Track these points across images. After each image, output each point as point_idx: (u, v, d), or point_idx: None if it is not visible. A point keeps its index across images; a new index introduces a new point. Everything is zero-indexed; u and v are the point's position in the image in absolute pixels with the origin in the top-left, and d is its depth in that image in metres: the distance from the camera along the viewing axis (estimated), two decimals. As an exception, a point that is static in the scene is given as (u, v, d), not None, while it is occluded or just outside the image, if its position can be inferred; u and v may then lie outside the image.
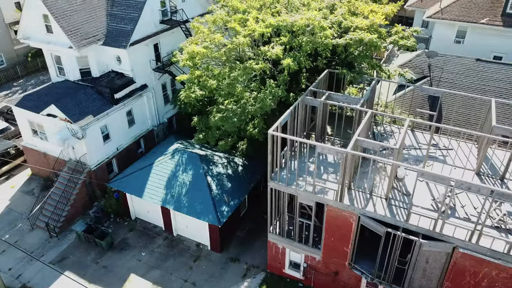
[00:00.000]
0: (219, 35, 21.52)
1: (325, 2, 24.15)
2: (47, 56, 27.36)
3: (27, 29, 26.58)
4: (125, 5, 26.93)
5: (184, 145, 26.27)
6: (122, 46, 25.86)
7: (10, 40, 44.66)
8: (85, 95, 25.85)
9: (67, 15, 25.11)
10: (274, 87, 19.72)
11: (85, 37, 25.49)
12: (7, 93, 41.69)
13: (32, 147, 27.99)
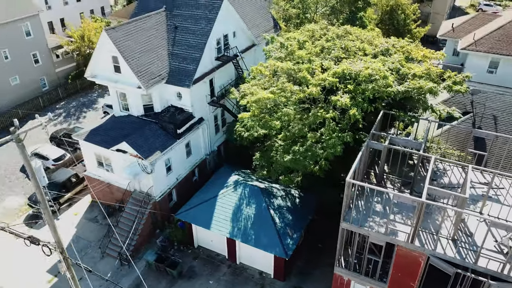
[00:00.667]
0: (291, 84, 23.16)
1: (379, 46, 25.90)
2: (112, 93, 29.11)
3: (95, 69, 28.35)
4: (186, 45, 28.69)
5: (241, 176, 28.02)
6: (186, 85, 27.63)
7: (52, 64, 46.52)
8: (150, 131, 27.60)
9: (135, 57, 26.87)
10: (343, 134, 21.46)
11: (152, 77, 27.26)
12: (52, 116, 43.33)
13: (96, 177, 29.74)
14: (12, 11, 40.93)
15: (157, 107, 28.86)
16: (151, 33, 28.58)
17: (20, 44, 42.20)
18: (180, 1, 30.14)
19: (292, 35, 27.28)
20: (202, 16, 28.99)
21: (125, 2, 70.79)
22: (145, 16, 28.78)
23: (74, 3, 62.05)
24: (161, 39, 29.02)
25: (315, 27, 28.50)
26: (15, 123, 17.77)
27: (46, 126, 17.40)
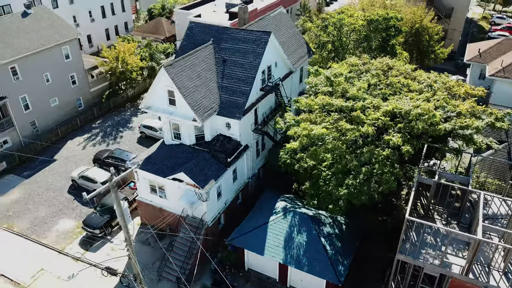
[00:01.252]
0: (346, 123, 24.72)
1: (422, 81, 27.48)
2: (164, 123, 30.69)
3: (150, 101, 29.96)
4: (235, 78, 30.29)
5: (287, 202, 29.62)
6: (236, 117, 29.24)
7: (88, 84, 48.12)
8: (203, 160, 29.19)
9: (191, 92, 28.45)
10: (396, 170, 23.06)
11: (206, 110, 28.86)
12: (89, 136, 45.06)
13: (148, 202, 31.35)
14: (55, 36, 42.55)
15: (208, 136, 30.44)
16: (202, 67, 30.18)
17: (60, 67, 43.83)
18: (227, 35, 31.74)
19: (338, 70, 28.81)
20: (249, 50, 30.58)
21: (147, 17, 72.39)
22: (196, 51, 30.36)
23: (100, 20, 63.84)
24: (210, 72, 30.63)
25: (358, 61, 30.06)
26: (111, 171, 19.45)
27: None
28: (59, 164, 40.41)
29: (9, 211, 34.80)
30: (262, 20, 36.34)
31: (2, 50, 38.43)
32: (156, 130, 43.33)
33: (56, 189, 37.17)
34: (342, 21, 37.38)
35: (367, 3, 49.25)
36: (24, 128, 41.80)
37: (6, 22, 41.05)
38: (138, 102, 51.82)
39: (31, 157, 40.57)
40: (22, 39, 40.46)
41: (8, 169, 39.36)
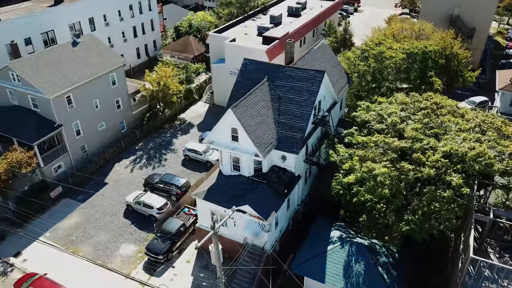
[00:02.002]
0: (407, 164, 26.78)
1: (470, 120, 29.53)
2: (225, 156, 32.69)
3: (213, 137, 32.00)
4: (291, 114, 32.35)
5: (341, 231, 31.66)
6: (294, 152, 31.31)
7: (131, 107, 50.20)
8: (263, 192, 31.25)
9: (253, 130, 30.52)
10: (456, 209, 25.13)
11: (266, 145, 30.94)
12: (134, 159, 47.14)
13: (207, 229, 33.38)
14: (105, 65, 44.68)
15: (265, 168, 32.49)
16: (261, 104, 32.25)
17: (107, 93, 45.96)
18: (282, 73, 33.80)
19: (390, 109, 30.85)
20: (304, 88, 32.64)
21: (174, 35, 74.36)
22: (255, 89, 32.41)
23: (132, 39, 66.00)
24: (267, 108, 32.71)
25: (407, 99, 32.10)
26: (213, 218, 21.55)
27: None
28: (110, 188, 42.51)
29: (72, 235, 36.89)
30: (309, 54, 38.39)
31: (60, 81, 40.55)
32: (200, 154, 45.42)
33: (112, 213, 39.23)
34: (383, 54, 39.41)
35: (397, 29, 51.25)
36: (76, 152, 43.92)
37: (59, 52, 43.16)
38: (175, 123, 53.96)
39: (84, 180, 42.65)
40: (75, 68, 42.59)
41: (63, 193, 41.44)
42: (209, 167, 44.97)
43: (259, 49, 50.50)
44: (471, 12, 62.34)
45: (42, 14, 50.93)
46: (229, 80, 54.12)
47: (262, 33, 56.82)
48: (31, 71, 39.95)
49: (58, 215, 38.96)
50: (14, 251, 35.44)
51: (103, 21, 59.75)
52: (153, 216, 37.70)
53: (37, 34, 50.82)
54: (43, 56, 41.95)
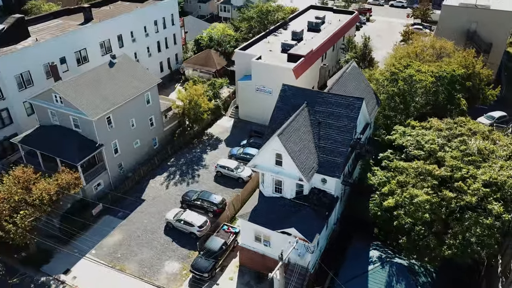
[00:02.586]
0: (449, 192, 28.41)
1: (503, 147, 31.14)
2: (267, 179, 34.30)
3: (257, 161, 33.61)
4: (331, 139, 33.95)
5: (380, 251, 33.28)
6: (336, 176, 32.92)
7: (162, 124, 51.84)
8: (306, 214, 32.84)
9: (297, 155, 32.13)
10: (496, 235, 26.75)
11: (309, 170, 32.55)
12: (167, 175, 48.78)
13: (250, 248, 35.04)
14: (141, 85, 46.33)
15: (306, 190, 34.09)
16: (302, 130, 33.87)
17: (142, 112, 47.60)
18: (320, 99, 35.41)
19: (427, 136, 32.44)
20: (343, 114, 34.25)
21: (195, 48, 75.99)
22: (296, 115, 34.00)
23: (156, 54, 67.71)
24: (308, 133, 34.32)
25: (442, 125, 33.71)
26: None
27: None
28: (148, 204, 44.14)
29: (117, 252, 38.51)
30: (342, 78, 40.00)
31: (101, 103, 42.19)
32: (232, 170, 47.02)
33: (153, 231, 40.84)
34: (413, 77, 41.00)
35: (420, 48, 52.83)
36: (113, 170, 45.55)
37: (97, 73, 44.80)
38: (203, 138, 55.58)
39: (122, 197, 44.28)
40: (114, 89, 44.22)
41: (103, 210, 43.05)
42: (241, 183, 46.59)
43: (286, 68, 52.12)
44: (488, 28, 63.88)
45: (76, 33, 52.55)
46: (255, 96, 56.09)
47: (286, 50, 58.46)
48: (74, 93, 41.57)
49: (100, 232, 40.58)
50: (63, 268, 37.07)
51: (130, 38, 61.44)
52: (193, 234, 39.32)
53: (71, 53, 52.48)
54: (83, 78, 43.58)
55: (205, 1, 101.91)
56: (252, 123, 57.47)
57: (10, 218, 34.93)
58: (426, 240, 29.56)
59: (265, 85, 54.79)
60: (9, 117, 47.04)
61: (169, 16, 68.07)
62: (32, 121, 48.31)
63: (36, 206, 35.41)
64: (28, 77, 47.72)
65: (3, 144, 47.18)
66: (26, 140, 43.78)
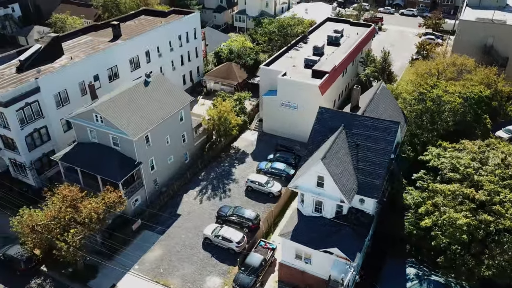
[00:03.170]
0: (488, 216, 30.02)
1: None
2: (307, 199, 35.90)
3: (299, 182, 35.20)
4: (369, 161, 35.55)
5: (416, 268, 34.93)
6: (374, 197, 34.54)
7: (193, 139, 53.49)
8: (346, 234, 34.44)
9: (339, 177, 33.74)
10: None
11: (350, 191, 34.15)
12: (200, 189, 50.39)
13: (290, 265, 36.66)
14: (176, 104, 47.98)
15: (345, 210, 35.70)
16: (341, 152, 35.49)
17: (176, 129, 49.26)
18: (357, 122, 37.02)
19: (463, 160, 34.04)
20: (380, 138, 35.86)
21: (215, 61, 77.59)
22: (336, 138, 35.59)
23: (179, 67, 69.37)
24: (347, 155, 35.93)
25: (475, 148, 35.33)
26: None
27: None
28: (184, 219, 45.76)
29: (159, 268, 40.12)
30: (374, 100, 41.62)
31: (140, 122, 43.83)
32: (262, 185, 48.64)
33: (192, 246, 42.43)
34: (441, 98, 42.65)
35: (441, 65, 54.44)
36: (149, 186, 47.18)
37: (134, 93, 46.43)
38: (230, 152, 57.17)
39: (158, 212, 45.90)
40: (151, 108, 45.86)
41: (141, 225, 44.63)
42: (271, 198, 48.20)
43: (312, 84, 53.72)
44: (505, 42, 65.44)
45: (108, 51, 54.16)
46: (280, 111, 57.75)
47: (309, 65, 60.05)
48: (114, 114, 43.17)
49: (141, 247, 42.19)
50: (110, 283, 38.68)
51: (157, 53, 63.05)
52: (231, 249, 40.92)
53: (103, 70, 54.13)
54: (122, 98, 45.18)
55: (220, 11, 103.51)
56: (277, 137, 59.11)
57: (61, 236, 36.56)
58: (463, 259, 31.15)
59: (290, 101, 56.42)
60: (47, 134, 48.65)
61: (192, 30, 69.70)
62: (68, 138, 50.18)
63: (85, 224, 36.99)
64: (65, 95, 49.38)
65: (42, 160, 48.81)
66: (66, 157, 45.39)
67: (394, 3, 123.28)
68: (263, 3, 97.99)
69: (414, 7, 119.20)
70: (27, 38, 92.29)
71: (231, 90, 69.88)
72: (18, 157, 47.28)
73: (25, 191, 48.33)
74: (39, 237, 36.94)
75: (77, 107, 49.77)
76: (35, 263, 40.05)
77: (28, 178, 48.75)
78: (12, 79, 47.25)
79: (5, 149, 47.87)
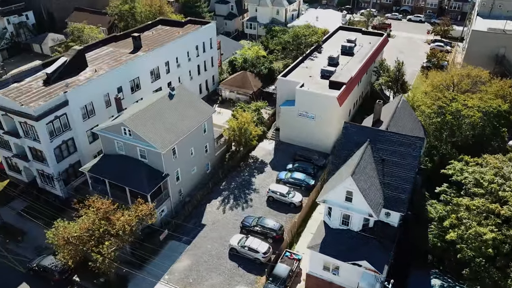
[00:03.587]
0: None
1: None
2: (335, 213, 37.13)
3: (327, 197, 36.42)
4: (395, 176, 36.75)
5: (441, 280, 36.15)
6: (401, 211, 35.77)
7: (214, 150, 54.72)
8: (374, 246, 35.65)
9: (367, 193, 34.96)
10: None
11: (377, 205, 35.39)
12: (222, 199, 51.60)
13: (318, 276, 37.88)
14: (200, 116, 49.23)
15: (371, 223, 36.91)
16: (368, 167, 36.71)
17: (200, 140, 50.51)
18: (382, 137, 38.22)
19: (487, 175, 35.26)
20: (405, 153, 37.05)
21: (229, 70, 78.82)
22: (363, 153, 36.81)
23: (196, 77, 70.66)
24: (373, 170, 37.14)
25: (498, 164, 36.53)
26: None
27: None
28: (209, 229, 46.96)
29: (189, 278, 41.33)
30: (396, 114, 42.86)
31: (168, 136, 45.06)
32: (284, 196, 49.85)
33: (218, 256, 43.63)
34: (460, 112, 43.90)
35: (457, 76, 55.65)
36: (174, 196, 48.42)
37: (160, 106, 47.64)
38: (249, 161, 58.35)
39: (183, 222, 47.11)
40: (177, 121, 47.10)
41: (168, 235, 45.83)
42: (293, 208, 49.39)
43: (331, 96, 54.94)
44: (516, 52, 66.85)
45: (131, 63, 55.37)
46: (298, 121, 58.99)
47: (326, 76, 61.23)
48: (142, 127, 44.38)
49: (169, 257, 43.41)
50: (141, 293, 39.94)
51: (176, 63, 64.28)
52: (258, 260, 42.13)
53: (126, 82, 55.32)
54: (148, 111, 46.37)
55: (231, 18, 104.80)
56: (294, 146, 60.31)
57: (95, 248, 37.78)
58: (488, 272, 32.36)
59: (308, 111, 57.63)
60: (74, 145, 49.88)
61: (208, 40, 70.93)
62: (93, 148, 51.53)
63: (118, 236, 38.19)
64: (91, 107, 50.60)
65: (68, 170, 50.04)
66: (94, 169, 46.60)
67: (402, 9, 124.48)
68: (273, 11, 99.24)
69: (421, 13, 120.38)
70: (41, 46, 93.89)
71: (246, 99, 71.19)
72: (46, 168, 48.50)
73: (52, 201, 49.62)
74: (74, 249, 38.12)
75: (102, 118, 51.20)
76: (68, 273, 41.27)
77: (55, 189, 49.96)
78: (41, 92, 48.43)
79: (33, 160, 49.06)
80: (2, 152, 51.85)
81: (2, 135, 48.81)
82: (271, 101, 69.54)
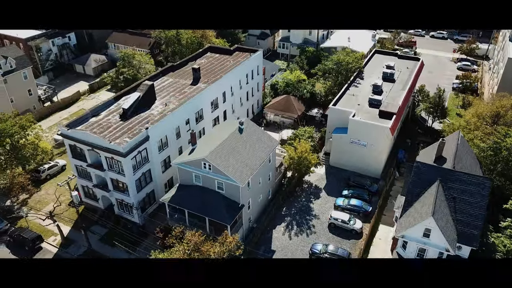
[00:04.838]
0: None
1: None
2: (411, 246, 40.87)
3: (405, 232, 40.20)
4: (466, 213, 40.53)
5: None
6: (474, 246, 39.54)
7: (275, 177, 58.36)
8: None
9: (445, 230, 38.71)
10: None
11: (453, 241, 39.11)
12: (285, 225, 55.33)
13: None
14: (267, 149, 52.99)
15: (444, 256, 40.68)
16: (442, 206, 40.46)
17: (266, 170, 54.33)
18: (452, 176, 41.99)
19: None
20: (475, 192, 40.82)
21: (272, 93, 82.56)
22: (437, 192, 40.55)
23: (245, 102, 74.51)
24: (446, 207, 40.90)
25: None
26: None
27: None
28: (279, 256, 50.64)
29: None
30: (458, 152, 46.56)
31: (244, 169, 48.81)
32: (345, 222, 53.58)
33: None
34: (515, 148, 47.71)
35: (502, 108, 59.35)
36: (246, 224, 52.20)
37: (232, 141, 51.35)
38: (304, 186, 62.09)
39: (254, 249, 50.87)
40: (249, 155, 50.85)
41: (243, 260, 49.58)
42: (354, 234, 53.11)
43: (384, 126, 58.67)
44: (551, 80, 70.44)
45: (198, 97, 59.14)
46: (349, 147, 62.64)
47: (374, 104, 64.88)
48: (221, 162, 48.13)
49: (248, 283, 47.09)
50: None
51: (230, 92, 68.09)
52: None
53: (192, 114, 59.10)
54: (224, 147, 50.08)
55: (264, 38, 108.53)
56: (345, 171, 63.98)
57: (191, 278, 41.51)
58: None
59: (360, 139, 61.37)
60: (150, 176, 53.70)
61: (256, 67, 74.72)
62: (164, 177, 55.52)
63: (211, 267, 41.89)
64: (165, 140, 54.40)
65: (144, 199, 53.85)
66: (173, 200, 50.38)
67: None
68: (306, 31, 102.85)
69: (444, 29, 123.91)
70: (84, 67, 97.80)
71: (291, 122, 74.96)
72: (127, 198, 52.31)
73: (129, 228, 53.43)
74: (171, 279, 41.81)
75: (173, 149, 55.10)
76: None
77: (132, 215, 53.76)
78: (121, 128, 52.22)
79: (114, 190, 52.86)
80: (81, 181, 55.58)
81: (86, 167, 52.55)
82: (314, 123, 73.37)
